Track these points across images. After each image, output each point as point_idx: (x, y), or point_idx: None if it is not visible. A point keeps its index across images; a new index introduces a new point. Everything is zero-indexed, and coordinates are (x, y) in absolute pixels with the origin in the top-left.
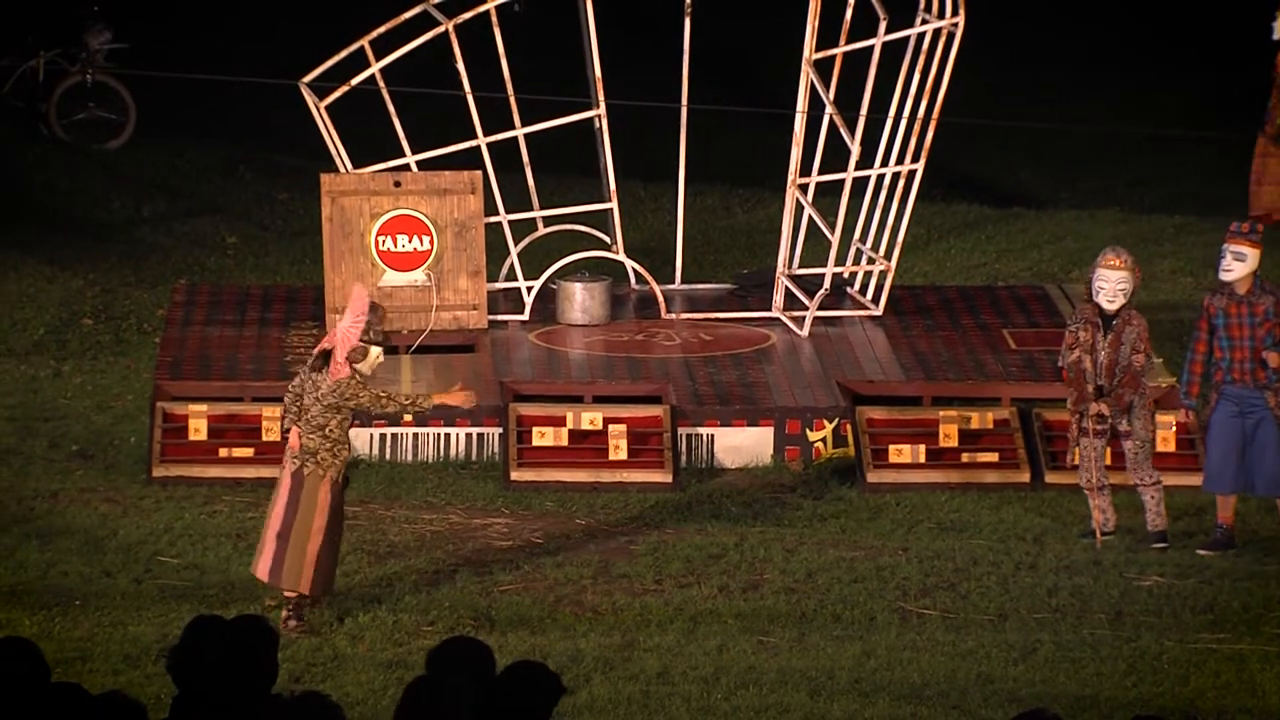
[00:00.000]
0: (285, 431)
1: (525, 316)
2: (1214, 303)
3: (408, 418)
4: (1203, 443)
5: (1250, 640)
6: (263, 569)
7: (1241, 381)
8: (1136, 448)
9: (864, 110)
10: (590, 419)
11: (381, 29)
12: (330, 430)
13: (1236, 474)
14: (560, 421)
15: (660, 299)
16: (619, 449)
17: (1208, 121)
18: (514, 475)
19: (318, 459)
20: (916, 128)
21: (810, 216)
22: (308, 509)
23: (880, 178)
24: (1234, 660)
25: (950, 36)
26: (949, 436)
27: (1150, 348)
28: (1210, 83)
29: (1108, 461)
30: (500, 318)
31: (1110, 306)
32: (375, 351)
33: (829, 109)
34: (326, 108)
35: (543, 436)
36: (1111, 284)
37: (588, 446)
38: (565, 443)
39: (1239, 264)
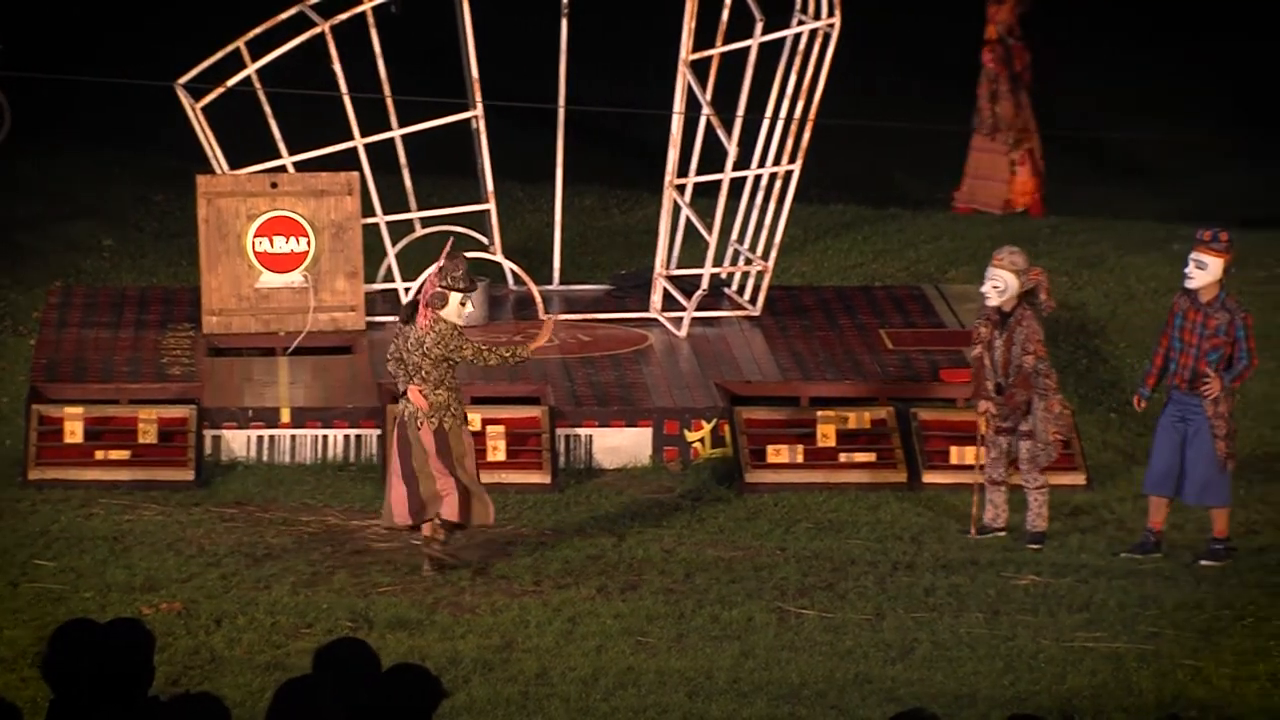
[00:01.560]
0: (402, 393)
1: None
2: (1180, 302)
3: (285, 419)
4: (1079, 441)
5: (1126, 639)
6: (449, 511)
7: (1185, 388)
8: (1032, 449)
9: (741, 111)
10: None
11: (258, 30)
12: (450, 382)
13: (1177, 479)
14: None
15: (538, 300)
16: (497, 450)
17: (1093, 121)
18: None
19: (451, 410)
20: (793, 128)
21: (688, 217)
22: (460, 455)
23: (757, 178)
24: (1110, 659)
25: (826, 37)
26: (827, 437)
27: (1041, 349)
28: (1094, 84)
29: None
30: (378, 319)
31: (989, 302)
32: (455, 298)
33: (706, 110)
34: (202, 109)
35: None
36: (989, 281)
37: None
38: None
39: (1200, 272)
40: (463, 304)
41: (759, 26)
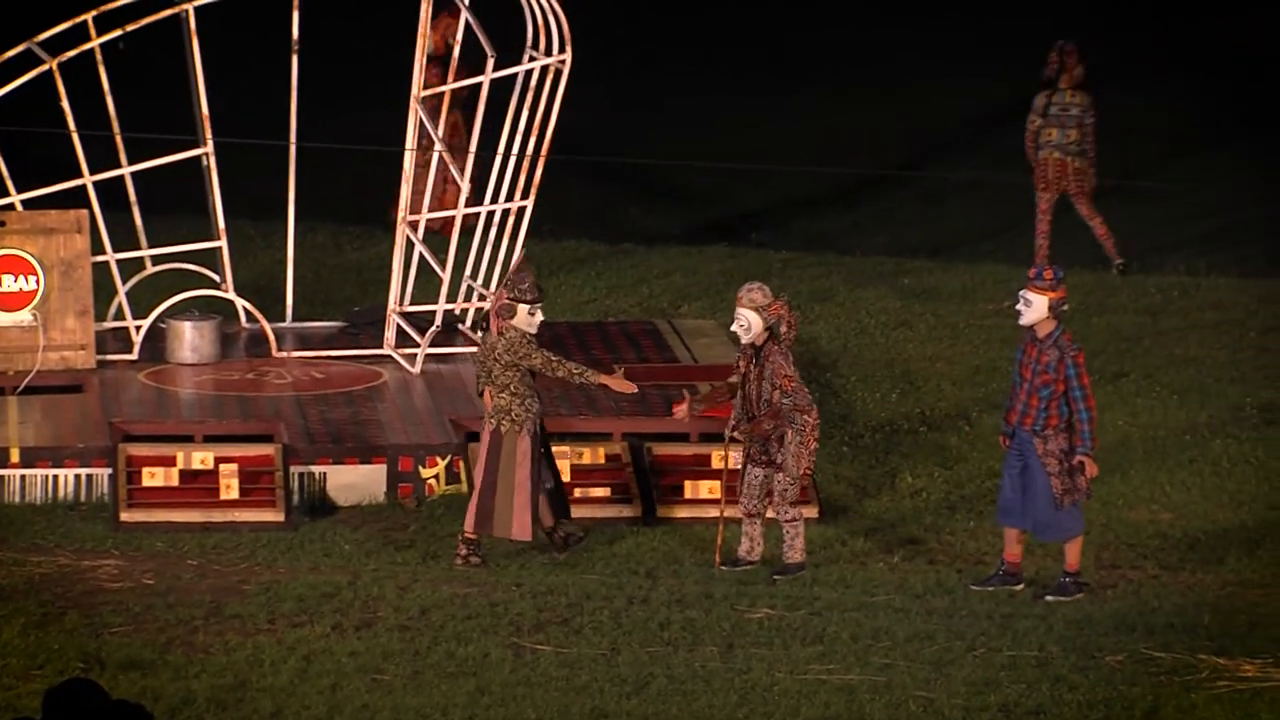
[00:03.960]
0: (479, 393)
1: (134, 356)
2: (1024, 338)
3: (15, 458)
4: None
5: (859, 670)
6: (469, 523)
7: (1020, 422)
8: (781, 482)
9: (473, 147)
10: (201, 458)
11: None
12: (515, 387)
13: (1022, 511)
14: (170, 461)
15: (271, 337)
16: (230, 488)
17: (823, 157)
18: (124, 516)
19: (512, 415)
20: (525, 164)
21: (421, 254)
22: (509, 463)
23: (490, 214)
24: (843, 691)
25: (558, 73)
26: (561, 472)
27: (790, 384)
28: (837, 119)
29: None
30: (109, 357)
31: (741, 340)
32: (522, 309)
33: (438, 146)
34: None
35: (153, 477)
36: (736, 320)
37: (199, 486)
38: (176, 483)
39: (1026, 309)
40: (531, 314)
41: (490, 63)
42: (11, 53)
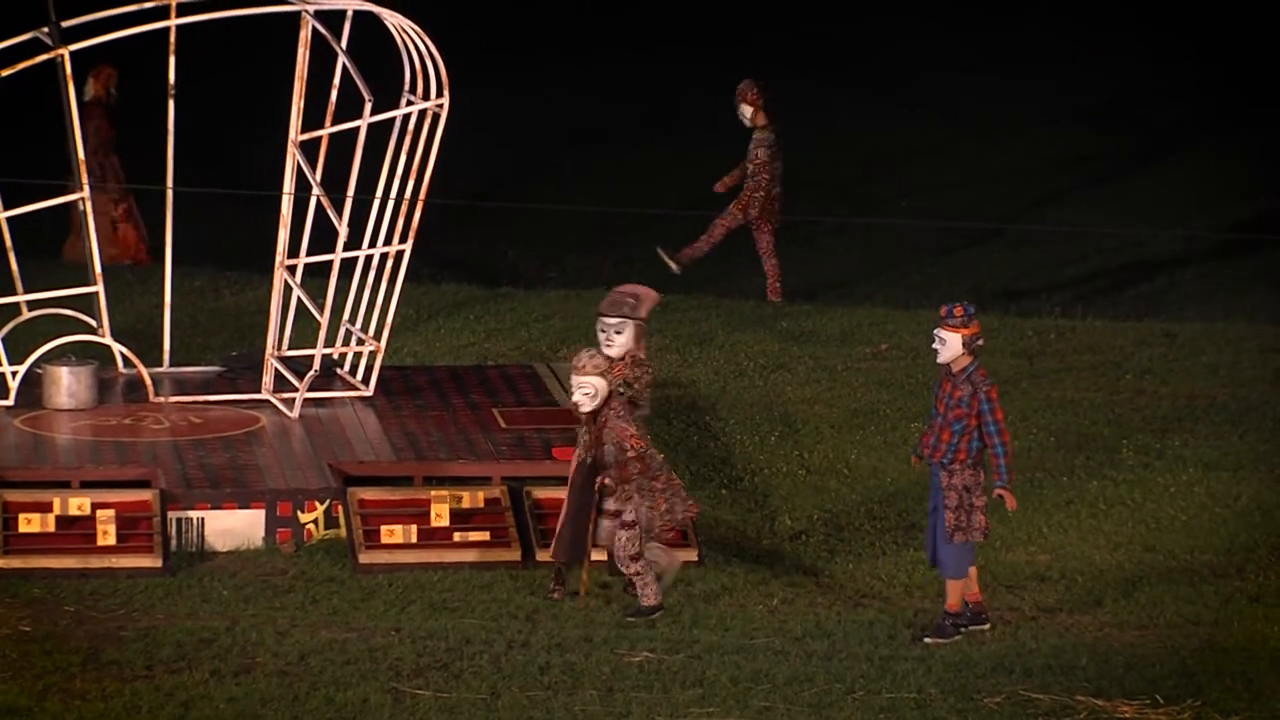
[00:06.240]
0: None
1: (10, 402)
2: (941, 372)
3: None
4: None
5: (739, 714)
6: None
7: (930, 455)
8: (620, 538)
9: (351, 191)
10: (78, 504)
11: None
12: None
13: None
14: (47, 507)
15: (148, 382)
16: (107, 534)
17: (698, 202)
18: (0, 563)
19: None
20: (404, 208)
21: (299, 298)
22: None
23: (369, 258)
24: None
25: (436, 117)
26: (440, 516)
27: (639, 445)
28: (706, 164)
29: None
30: None
31: (582, 409)
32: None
33: (316, 190)
34: None
35: (29, 523)
36: (579, 390)
37: (75, 532)
38: (52, 529)
39: (940, 347)
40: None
41: (368, 107)
42: None
